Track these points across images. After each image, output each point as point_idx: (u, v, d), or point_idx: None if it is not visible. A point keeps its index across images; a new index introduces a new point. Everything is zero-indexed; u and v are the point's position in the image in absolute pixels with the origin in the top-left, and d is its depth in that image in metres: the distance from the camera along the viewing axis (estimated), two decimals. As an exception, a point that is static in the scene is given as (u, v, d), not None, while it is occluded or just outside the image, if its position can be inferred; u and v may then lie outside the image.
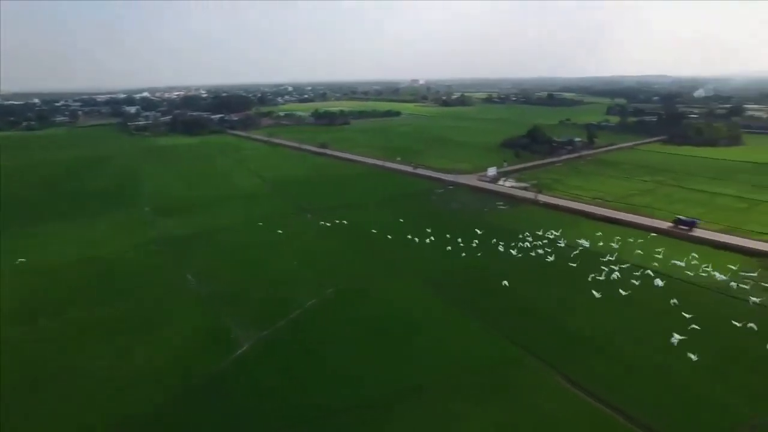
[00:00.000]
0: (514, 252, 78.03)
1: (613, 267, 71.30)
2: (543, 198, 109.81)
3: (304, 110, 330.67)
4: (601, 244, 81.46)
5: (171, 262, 75.81)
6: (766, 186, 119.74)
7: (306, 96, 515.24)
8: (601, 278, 68.07)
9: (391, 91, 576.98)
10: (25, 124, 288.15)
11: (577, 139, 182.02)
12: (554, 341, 52.03)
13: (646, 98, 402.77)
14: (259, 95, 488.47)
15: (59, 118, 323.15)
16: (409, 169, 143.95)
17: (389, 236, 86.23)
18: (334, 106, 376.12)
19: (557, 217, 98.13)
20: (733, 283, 66.35)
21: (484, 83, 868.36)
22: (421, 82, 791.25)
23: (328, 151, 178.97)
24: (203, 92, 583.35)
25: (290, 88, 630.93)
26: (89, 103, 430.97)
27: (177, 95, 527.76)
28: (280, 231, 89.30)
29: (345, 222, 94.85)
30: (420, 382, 45.32)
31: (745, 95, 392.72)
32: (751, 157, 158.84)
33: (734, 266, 71.74)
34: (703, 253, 77.67)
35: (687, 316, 56.58)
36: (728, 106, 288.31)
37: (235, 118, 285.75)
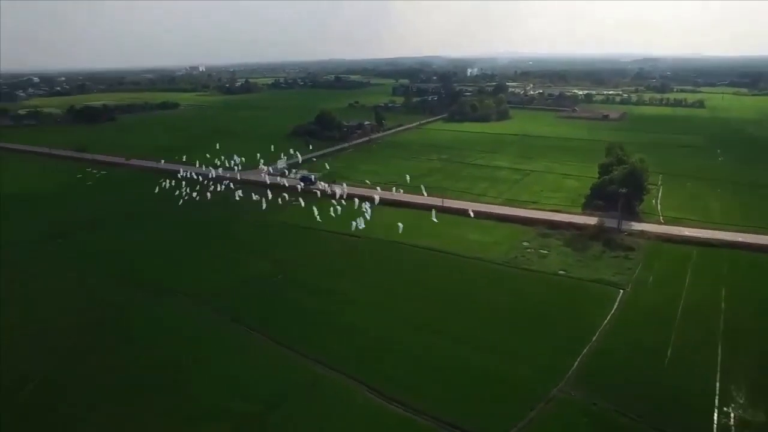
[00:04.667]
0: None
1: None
2: (336, 188, 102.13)
3: (56, 106, 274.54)
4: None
5: None
6: (531, 156, 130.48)
7: (59, 89, 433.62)
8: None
9: (167, 80, 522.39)
10: None
11: (367, 122, 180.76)
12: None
13: (427, 78, 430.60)
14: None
15: None
16: (176, 168, 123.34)
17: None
18: (96, 99, 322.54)
19: (352, 207, 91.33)
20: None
21: (270, 67, 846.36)
22: (201, 68, 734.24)
23: (87, 155, 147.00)
24: None
25: (36, 80, 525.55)
26: None
27: None
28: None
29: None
30: None
31: (505, 74, 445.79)
32: (517, 130, 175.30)
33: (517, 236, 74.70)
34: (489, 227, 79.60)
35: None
36: (494, 84, 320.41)
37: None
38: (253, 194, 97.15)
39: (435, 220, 78.05)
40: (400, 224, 74.11)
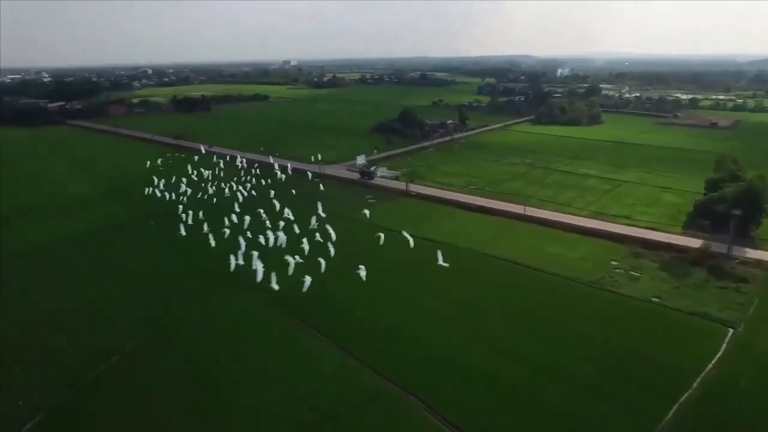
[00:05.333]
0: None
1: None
2: (415, 188, 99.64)
3: (163, 96, 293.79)
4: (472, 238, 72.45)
5: None
6: (624, 165, 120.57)
7: (167, 80, 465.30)
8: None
9: (261, 74, 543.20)
10: None
11: (450, 121, 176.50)
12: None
13: (515, 78, 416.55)
14: (113, 79, 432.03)
15: None
16: (271, 160, 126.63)
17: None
18: (196, 90, 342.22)
19: (430, 209, 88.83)
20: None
21: (358, 63, 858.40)
22: (293, 63, 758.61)
23: (183, 143, 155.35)
24: (45, 76, 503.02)
25: (150, 71, 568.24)
26: None
27: (11, 79, 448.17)
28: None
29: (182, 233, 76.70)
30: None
31: (598, 76, 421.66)
32: (610, 136, 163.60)
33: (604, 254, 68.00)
34: (573, 241, 73.19)
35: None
36: (586, 85, 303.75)
37: (79, 107, 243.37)
38: (331, 189, 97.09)
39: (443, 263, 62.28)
40: (470, 233, 70.55)
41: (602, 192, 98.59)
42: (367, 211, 79.93)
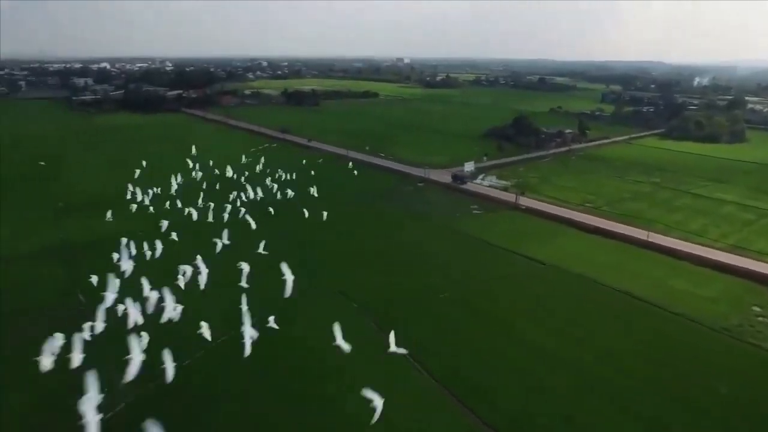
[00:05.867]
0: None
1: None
2: (525, 201, 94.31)
3: (275, 88, 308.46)
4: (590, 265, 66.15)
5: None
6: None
7: (280, 73, 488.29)
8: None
9: (373, 70, 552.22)
10: None
11: (568, 131, 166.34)
12: None
13: (643, 86, 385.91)
14: (229, 70, 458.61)
15: None
16: (375, 160, 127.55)
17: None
18: (307, 84, 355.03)
19: (541, 226, 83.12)
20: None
21: (474, 64, 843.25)
22: (406, 60, 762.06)
23: (288, 137, 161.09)
24: (169, 65, 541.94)
25: (264, 64, 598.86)
26: (38, 73, 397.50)
27: (139, 67, 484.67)
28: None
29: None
30: None
31: (743, 87, 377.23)
32: (755, 156, 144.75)
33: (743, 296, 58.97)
34: (704, 277, 64.55)
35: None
36: (729, 97, 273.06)
37: (194, 96, 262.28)
38: (434, 195, 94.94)
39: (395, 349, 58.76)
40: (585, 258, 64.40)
41: (743, 222, 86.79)
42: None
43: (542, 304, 56.25)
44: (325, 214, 79.21)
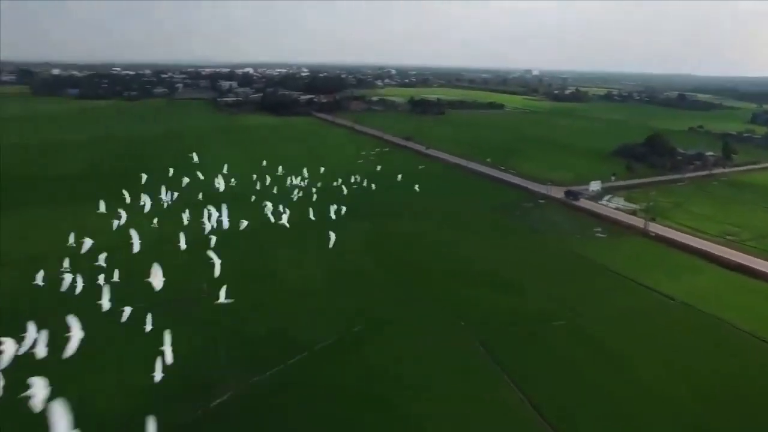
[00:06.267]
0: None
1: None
2: (656, 228, 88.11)
3: (401, 96, 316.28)
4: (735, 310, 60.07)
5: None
6: None
7: (407, 81, 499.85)
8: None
9: (500, 81, 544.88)
10: (126, 93, 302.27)
11: (710, 153, 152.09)
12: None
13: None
14: (360, 77, 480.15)
15: (159, 90, 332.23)
16: (495, 173, 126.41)
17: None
18: (433, 93, 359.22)
19: (672, 257, 77.15)
20: None
21: (606, 77, 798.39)
22: (534, 72, 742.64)
23: (410, 144, 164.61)
24: (305, 71, 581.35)
25: (393, 72, 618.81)
26: (193, 76, 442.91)
27: (278, 72, 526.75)
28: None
29: (396, 231, 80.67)
30: None
31: None
32: None
33: None
34: None
35: None
36: None
37: (324, 100, 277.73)
38: (555, 214, 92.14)
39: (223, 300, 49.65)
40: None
41: None
42: None
43: (668, 345, 51.54)
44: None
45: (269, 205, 77.30)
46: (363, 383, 44.05)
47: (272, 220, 74.34)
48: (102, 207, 69.40)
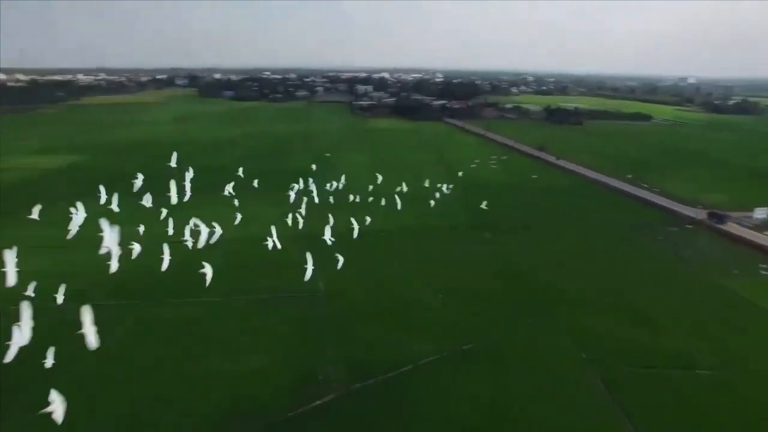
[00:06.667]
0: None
1: None
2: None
3: (537, 104, 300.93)
4: None
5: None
6: None
7: (545, 88, 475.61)
8: None
9: (648, 90, 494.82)
10: (271, 96, 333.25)
11: None
12: None
13: None
14: (495, 83, 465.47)
15: (301, 93, 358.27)
16: (635, 190, 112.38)
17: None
18: (571, 102, 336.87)
19: None
20: None
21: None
22: (690, 80, 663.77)
23: (542, 155, 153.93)
24: (439, 76, 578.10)
25: (530, 78, 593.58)
26: (333, 80, 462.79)
27: (413, 77, 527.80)
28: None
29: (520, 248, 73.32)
30: None
31: None
32: None
33: None
34: None
35: None
36: None
37: (457, 106, 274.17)
38: (709, 243, 78.60)
39: None
40: None
41: None
42: None
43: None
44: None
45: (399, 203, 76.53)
46: (463, 411, 40.12)
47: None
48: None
